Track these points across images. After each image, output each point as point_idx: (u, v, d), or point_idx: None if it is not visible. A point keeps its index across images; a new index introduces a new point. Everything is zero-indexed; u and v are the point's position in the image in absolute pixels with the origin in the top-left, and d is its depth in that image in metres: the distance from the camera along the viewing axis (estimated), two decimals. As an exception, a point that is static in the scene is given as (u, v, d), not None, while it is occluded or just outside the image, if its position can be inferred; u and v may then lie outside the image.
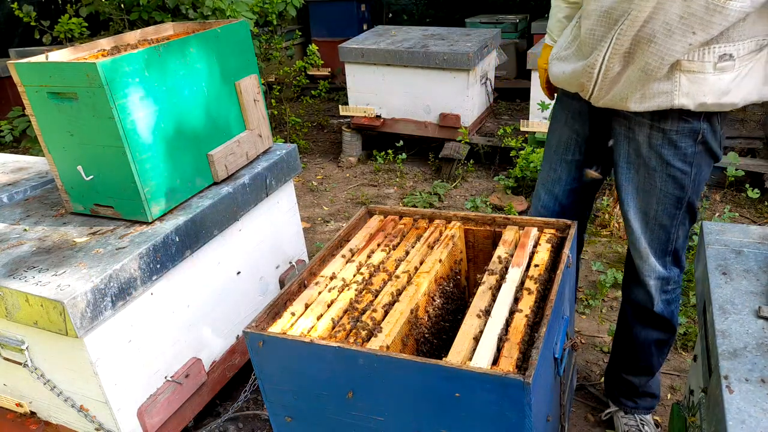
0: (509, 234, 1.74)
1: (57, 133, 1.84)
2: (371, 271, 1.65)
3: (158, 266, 1.81)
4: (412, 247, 1.75)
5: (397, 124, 4.48)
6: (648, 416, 2.08)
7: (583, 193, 1.97)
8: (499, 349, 1.31)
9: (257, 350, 1.42)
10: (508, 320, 1.40)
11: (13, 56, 5.89)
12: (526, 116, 4.18)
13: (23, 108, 2.68)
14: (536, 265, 1.58)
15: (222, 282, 2.14)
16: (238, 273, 2.22)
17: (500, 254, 1.66)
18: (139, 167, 1.81)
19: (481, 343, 1.32)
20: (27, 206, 2.13)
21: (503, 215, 1.83)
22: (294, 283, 1.60)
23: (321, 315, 1.48)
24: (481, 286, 1.53)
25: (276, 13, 4.47)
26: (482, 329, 1.37)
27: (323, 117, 5.83)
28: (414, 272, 1.63)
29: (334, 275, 1.65)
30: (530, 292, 1.48)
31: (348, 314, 1.48)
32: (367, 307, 1.50)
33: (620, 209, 1.87)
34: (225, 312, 2.17)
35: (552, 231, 1.74)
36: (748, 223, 3.37)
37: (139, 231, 1.86)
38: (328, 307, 1.51)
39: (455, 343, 1.34)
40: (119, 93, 1.72)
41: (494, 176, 4.15)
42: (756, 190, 3.54)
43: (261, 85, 2.31)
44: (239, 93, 2.18)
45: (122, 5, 3.95)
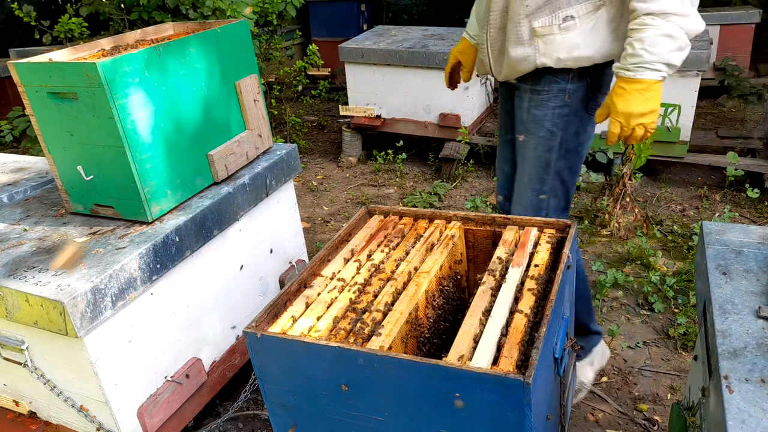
0: (509, 234, 1.74)
1: (57, 133, 1.84)
2: (371, 271, 1.64)
3: (158, 266, 1.81)
4: (412, 247, 1.75)
5: (397, 124, 4.47)
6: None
7: None
8: (499, 349, 1.30)
9: (257, 350, 1.42)
10: (508, 320, 1.40)
11: (13, 56, 5.89)
12: (526, 116, 4.18)
13: (23, 108, 2.68)
14: (536, 265, 1.58)
15: (222, 282, 2.14)
16: (239, 272, 2.22)
17: (500, 254, 1.66)
18: (139, 167, 1.81)
19: (481, 343, 1.32)
20: (27, 206, 2.13)
21: (503, 215, 1.82)
22: (294, 283, 1.59)
23: (321, 315, 1.48)
24: (481, 286, 1.53)
25: (276, 13, 4.46)
26: (482, 329, 1.37)
27: (323, 117, 5.83)
28: (414, 272, 1.63)
29: (334, 275, 1.65)
30: (530, 292, 1.48)
31: (348, 314, 1.48)
32: (367, 307, 1.50)
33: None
34: (225, 312, 2.17)
35: (552, 231, 1.74)
36: (748, 223, 3.37)
37: (139, 231, 1.86)
38: (328, 307, 1.51)
39: (455, 343, 1.34)
40: (119, 93, 1.72)
41: (494, 176, 4.15)
42: (756, 190, 3.54)
43: (261, 85, 2.31)
44: (239, 93, 2.18)
45: (122, 5, 3.94)
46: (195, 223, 1.94)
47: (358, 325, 1.43)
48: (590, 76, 1.85)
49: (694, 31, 1.60)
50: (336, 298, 1.55)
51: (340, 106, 4.67)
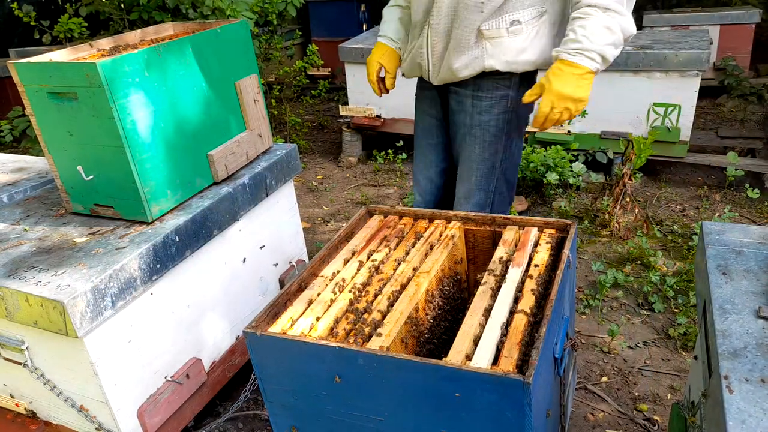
0: (509, 234, 1.74)
1: (57, 133, 1.84)
2: (371, 271, 1.64)
3: (158, 266, 1.81)
4: (412, 247, 1.75)
5: (397, 124, 4.47)
6: None
7: (454, 170, 2.20)
8: (499, 349, 1.30)
9: (257, 350, 1.42)
10: (508, 320, 1.40)
11: (13, 56, 5.89)
12: (526, 116, 4.18)
13: (23, 108, 2.68)
14: (536, 265, 1.58)
15: (222, 282, 2.14)
16: (239, 273, 2.22)
17: (500, 254, 1.66)
18: (139, 167, 1.81)
19: (481, 343, 1.32)
20: (27, 206, 2.13)
21: (503, 215, 1.82)
22: (294, 283, 1.59)
23: (321, 315, 1.48)
24: (481, 287, 1.53)
25: (276, 13, 4.47)
26: (482, 329, 1.37)
27: (323, 117, 5.83)
28: (414, 272, 1.63)
29: (334, 275, 1.64)
30: (530, 292, 1.48)
31: (348, 314, 1.48)
32: (367, 307, 1.50)
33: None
34: (225, 312, 2.17)
35: (552, 231, 1.74)
36: (748, 223, 3.37)
37: (139, 231, 1.86)
38: (328, 307, 1.51)
39: (455, 343, 1.34)
40: (119, 93, 1.72)
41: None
42: (756, 190, 3.54)
43: (261, 85, 2.31)
44: (239, 93, 2.18)
45: (122, 5, 3.95)
46: (195, 223, 1.94)
47: (358, 325, 1.43)
48: (528, 84, 1.92)
49: (629, 31, 1.69)
50: (336, 298, 1.55)
51: (340, 106, 4.67)
